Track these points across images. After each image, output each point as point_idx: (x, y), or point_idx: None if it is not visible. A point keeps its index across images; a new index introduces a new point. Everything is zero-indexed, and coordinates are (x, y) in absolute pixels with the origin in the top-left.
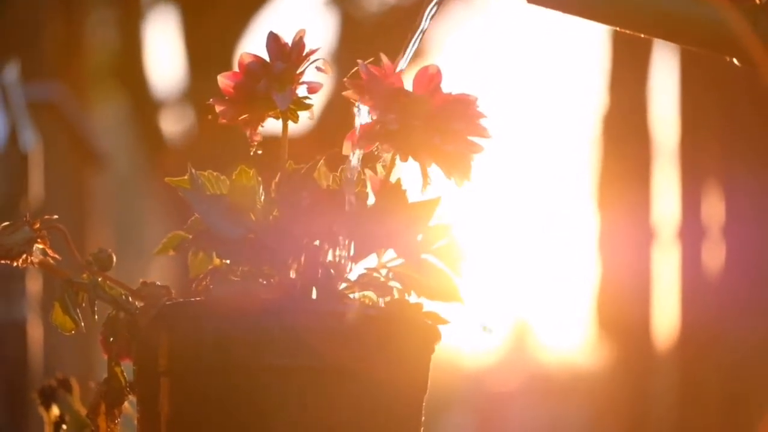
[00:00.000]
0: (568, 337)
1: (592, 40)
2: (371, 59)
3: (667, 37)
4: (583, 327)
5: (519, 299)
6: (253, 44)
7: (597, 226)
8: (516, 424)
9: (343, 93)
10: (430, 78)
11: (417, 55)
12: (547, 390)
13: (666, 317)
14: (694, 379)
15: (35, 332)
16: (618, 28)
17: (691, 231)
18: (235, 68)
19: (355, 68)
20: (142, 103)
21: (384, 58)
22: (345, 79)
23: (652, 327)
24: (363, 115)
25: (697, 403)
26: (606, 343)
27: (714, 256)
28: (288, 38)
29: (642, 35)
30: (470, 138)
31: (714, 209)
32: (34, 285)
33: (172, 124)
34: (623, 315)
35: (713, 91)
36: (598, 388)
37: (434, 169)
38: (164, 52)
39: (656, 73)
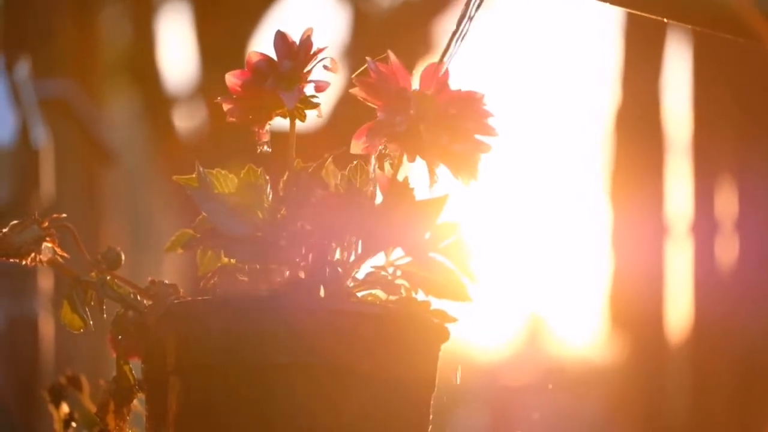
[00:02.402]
0: (582, 332)
1: (605, 35)
2: (382, 56)
3: (684, 18)
4: (596, 321)
5: (533, 294)
6: (264, 40)
7: (610, 221)
8: (529, 418)
9: (351, 90)
10: (437, 76)
11: (427, 51)
12: (561, 384)
13: (679, 311)
14: (707, 373)
15: (47, 329)
16: (641, 12)
17: (704, 225)
18: (245, 65)
19: (364, 66)
20: (154, 99)
21: (392, 56)
22: (353, 77)
23: (666, 321)
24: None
25: (710, 397)
26: (619, 337)
27: (727, 250)
28: (296, 37)
29: (666, 20)
30: (478, 137)
31: (727, 204)
32: (45, 282)
33: (184, 121)
34: (637, 309)
35: (726, 85)
36: (612, 382)
37: (442, 168)
38: (176, 49)
39: (669, 68)
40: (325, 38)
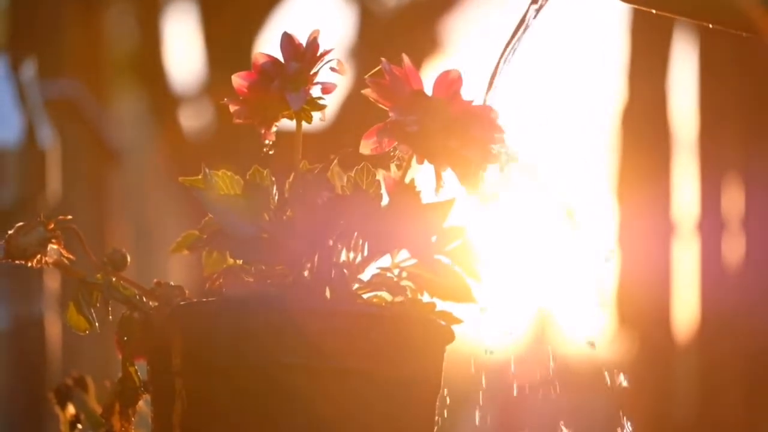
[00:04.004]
0: (590, 330)
1: (612, 33)
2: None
3: (688, 14)
4: (604, 320)
5: (540, 293)
6: (272, 39)
7: (617, 219)
8: (538, 416)
9: (363, 91)
10: (450, 83)
11: (435, 50)
12: (569, 382)
13: (686, 310)
14: (715, 371)
15: (53, 329)
16: (645, 8)
17: (711, 224)
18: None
19: (377, 68)
20: (161, 99)
21: (406, 59)
22: (366, 78)
23: (673, 319)
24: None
25: (718, 395)
26: (627, 335)
27: (734, 248)
28: (303, 38)
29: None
30: (487, 146)
31: (734, 202)
32: (52, 282)
33: (191, 121)
34: (644, 308)
35: (733, 83)
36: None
37: (449, 173)
38: (183, 48)
39: (676, 66)
40: (331, 37)
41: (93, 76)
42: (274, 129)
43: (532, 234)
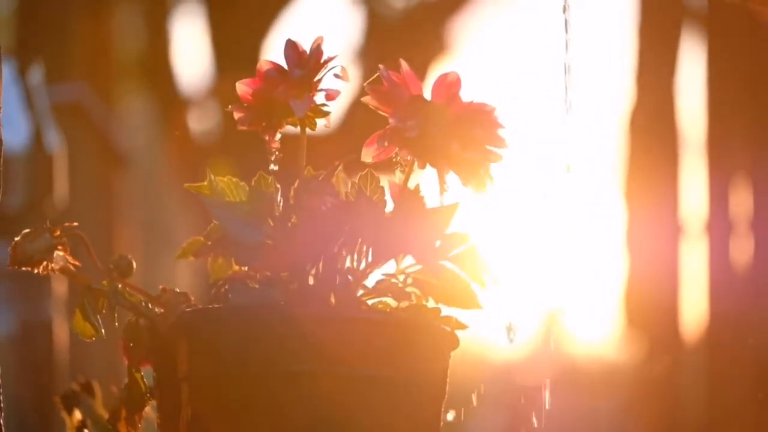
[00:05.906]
0: (598, 331)
1: (620, 34)
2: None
3: None
4: (612, 321)
5: (548, 293)
6: (279, 41)
7: (625, 220)
8: (546, 417)
9: (363, 99)
10: (449, 86)
11: (442, 52)
12: (577, 383)
13: (694, 310)
14: (723, 372)
15: (61, 332)
16: None
17: (719, 224)
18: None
19: (375, 74)
20: (168, 102)
21: (404, 65)
22: (365, 85)
23: (681, 320)
24: None
25: (726, 396)
26: (635, 336)
27: (742, 249)
28: (307, 45)
29: None
30: (488, 147)
31: (742, 202)
32: (59, 287)
33: (198, 124)
34: (652, 308)
35: (741, 83)
36: (628, 381)
37: (452, 177)
38: (190, 51)
39: (684, 66)
40: (339, 40)
41: (100, 79)
42: (278, 136)
43: (537, 235)
